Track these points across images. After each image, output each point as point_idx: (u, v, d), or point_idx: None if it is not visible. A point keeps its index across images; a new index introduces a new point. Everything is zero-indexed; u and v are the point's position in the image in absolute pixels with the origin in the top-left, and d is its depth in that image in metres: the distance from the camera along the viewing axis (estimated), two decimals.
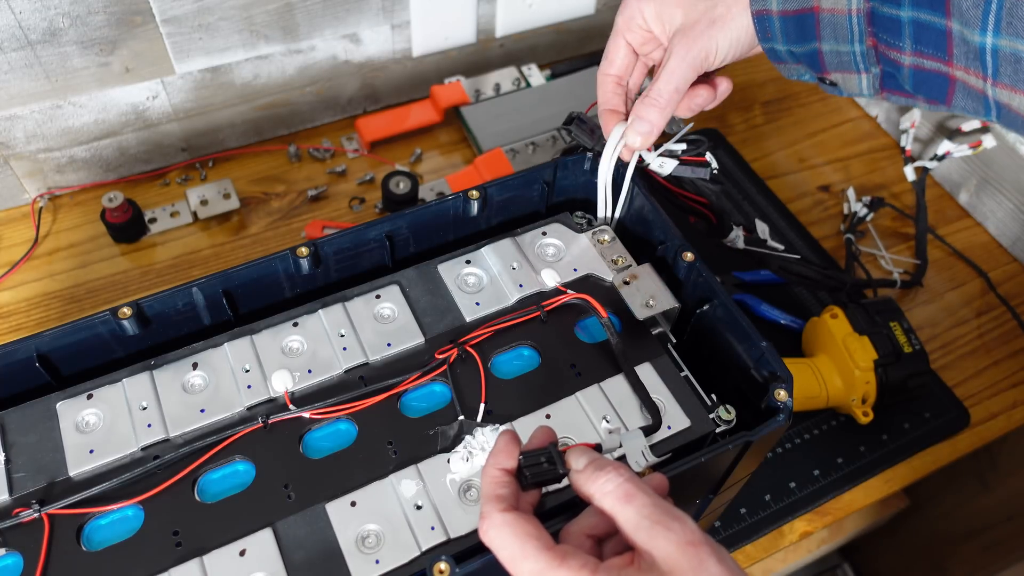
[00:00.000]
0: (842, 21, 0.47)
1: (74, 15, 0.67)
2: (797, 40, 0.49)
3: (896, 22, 0.45)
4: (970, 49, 0.42)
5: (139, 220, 0.76)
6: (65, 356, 0.49)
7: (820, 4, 0.47)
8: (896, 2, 0.45)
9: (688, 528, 0.34)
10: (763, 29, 0.50)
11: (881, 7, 0.45)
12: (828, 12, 0.47)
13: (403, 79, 0.89)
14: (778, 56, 0.51)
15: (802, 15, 0.48)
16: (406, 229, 0.56)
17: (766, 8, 0.49)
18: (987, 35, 0.41)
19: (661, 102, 0.51)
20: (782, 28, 0.49)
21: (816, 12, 0.47)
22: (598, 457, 0.38)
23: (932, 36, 0.44)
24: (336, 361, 0.50)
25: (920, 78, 0.46)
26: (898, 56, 0.46)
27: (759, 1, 0.49)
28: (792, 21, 0.48)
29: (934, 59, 0.45)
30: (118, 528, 0.44)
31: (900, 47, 0.46)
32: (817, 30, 0.48)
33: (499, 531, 0.36)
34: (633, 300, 0.52)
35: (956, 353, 0.77)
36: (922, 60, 0.45)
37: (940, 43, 0.44)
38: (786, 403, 0.46)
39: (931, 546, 1.05)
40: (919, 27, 0.44)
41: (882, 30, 0.46)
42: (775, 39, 0.50)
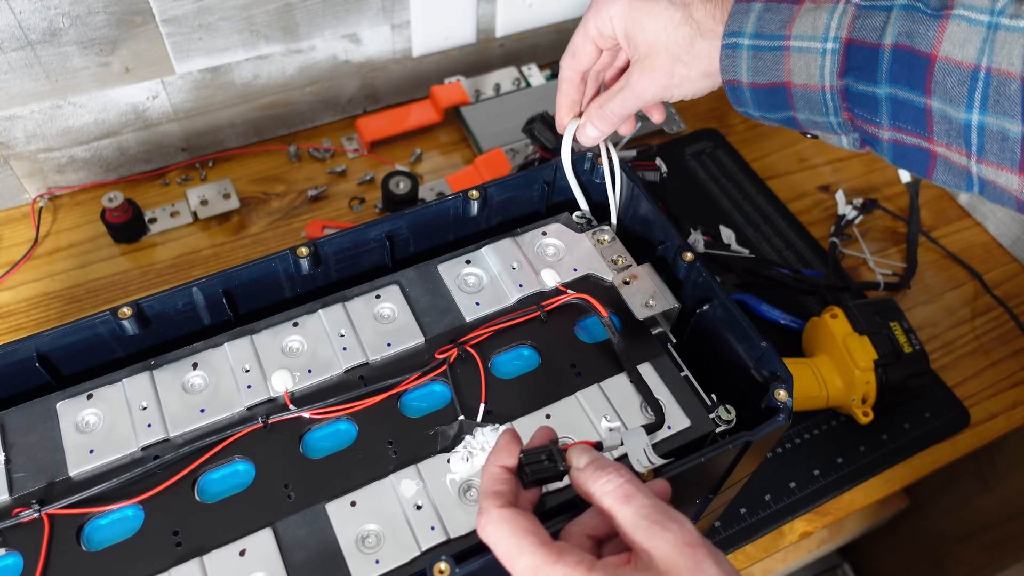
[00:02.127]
0: (815, 96, 0.45)
1: (74, 15, 0.67)
2: (770, 109, 0.47)
3: (872, 99, 0.43)
4: (952, 127, 0.41)
5: (139, 220, 0.76)
6: (65, 356, 0.49)
7: (792, 80, 0.45)
8: (872, 79, 0.43)
9: (686, 529, 0.35)
10: (735, 97, 0.48)
11: (856, 84, 0.43)
12: (800, 87, 0.45)
13: (403, 79, 0.89)
14: (753, 117, 0.49)
15: (773, 88, 0.46)
16: (406, 229, 0.56)
17: (736, 79, 0.47)
18: (973, 112, 0.40)
19: (612, 119, 0.53)
20: (753, 98, 0.47)
21: (788, 87, 0.45)
22: (600, 456, 0.38)
23: (910, 113, 0.42)
24: (336, 361, 0.50)
25: (900, 152, 0.45)
26: (876, 131, 0.44)
27: (729, 71, 0.47)
28: (763, 93, 0.47)
29: (913, 135, 0.43)
30: (118, 528, 0.44)
31: (878, 123, 0.44)
32: (790, 102, 0.46)
33: (496, 527, 0.36)
34: (633, 300, 0.52)
35: (956, 353, 0.77)
36: (901, 136, 0.44)
37: (919, 120, 0.42)
38: (786, 403, 0.46)
39: (931, 546, 1.05)
40: (896, 104, 0.42)
41: (857, 106, 0.44)
42: (747, 106, 0.48)
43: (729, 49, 0.46)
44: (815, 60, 0.44)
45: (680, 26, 0.47)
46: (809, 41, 0.44)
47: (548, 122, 0.57)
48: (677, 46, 0.48)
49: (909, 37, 0.41)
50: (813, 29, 0.44)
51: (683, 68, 0.48)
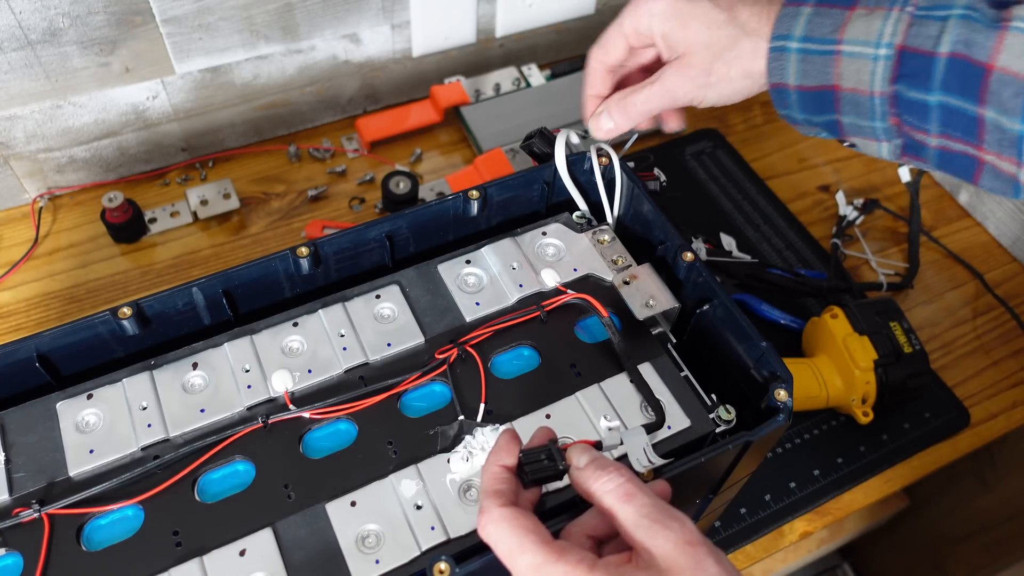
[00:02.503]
0: (864, 101, 0.44)
1: (74, 15, 0.67)
2: (815, 111, 0.47)
3: (923, 106, 0.43)
4: (1006, 137, 0.41)
5: (139, 220, 0.76)
6: (65, 356, 0.49)
7: (840, 83, 0.45)
8: (925, 87, 0.42)
9: (687, 528, 0.35)
10: (780, 100, 0.48)
11: (907, 92, 0.43)
12: (849, 91, 0.45)
13: (403, 79, 0.89)
14: (795, 121, 0.49)
15: (821, 91, 0.46)
16: (406, 229, 0.56)
17: (783, 82, 0.46)
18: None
19: (632, 113, 0.52)
20: (799, 101, 0.47)
21: (836, 90, 0.45)
22: (600, 456, 0.38)
23: (962, 122, 0.42)
24: (336, 361, 0.50)
25: (946, 158, 0.44)
26: (924, 138, 0.44)
27: (776, 74, 0.46)
28: (810, 96, 0.46)
29: (963, 143, 0.43)
30: (118, 528, 0.44)
31: (926, 130, 0.43)
32: (837, 106, 0.46)
33: (497, 526, 0.36)
34: (633, 300, 0.52)
35: (956, 353, 0.77)
36: (949, 143, 0.43)
37: (970, 128, 0.42)
38: (786, 403, 0.46)
39: (931, 546, 1.05)
40: (948, 112, 0.42)
41: (907, 112, 0.44)
42: (792, 108, 0.48)
43: (777, 52, 0.46)
44: (867, 66, 0.43)
45: (724, 25, 0.47)
46: (862, 46, 0.43)
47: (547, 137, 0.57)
48: (719, 44, 0.48)
49: (967, 46, 0.41)
50: (866, 34, 0.43)
51: (723, 66, 0.48)
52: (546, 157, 0.57)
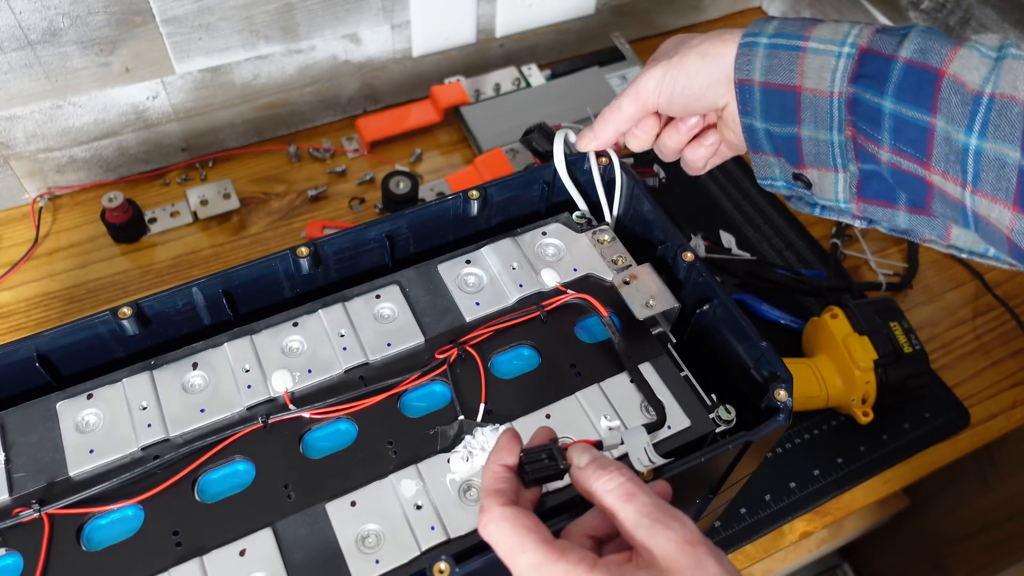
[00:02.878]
0: (823, 104, 0.45)
1: (74, 15, 0.67)
2: (777, 120, 0.47)
3: (877, 112, 0.43)
4: (952, 150, 0.41)
5: (139, 220, 0.76)
6: (65, 356, 0.49)
7: (803, 83, 0.45)
8: (879, 90, 0.43)
9: (688, 528, 0.35)
10: (744, 100, 0.48)
11: (863, 93, 0.43)
12: (811, 92, 0.45)
13: (403, 79, 0.89)
14: (756, 139, 0.49)
15: (784, 91, 0.46)
16: (406, 229, 0.56)
17: (749, 78, 0.47)
18: (972, 136, 0.40)
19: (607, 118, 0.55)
20: (763, 102, 0.47)
21: (798, 91, 0.46)
22: (601, 456, 0.38)
23: (912, 134, 0.42)
24: (336, 361, 0.50)
25: (898, 178, 0.44)
26: (876, 151, 0.44)
27: (743, 70, 0.47)
28: (774, 96, 0.47)
29: (912, 160, 0.43)
30: (118, 528, 0.44)
31: (879, 140, 0.44)
32: (798, 112, 0.46)
33: (498, 525, 0.36)
34: (633, 300, 0.52)
35: (956, 353, 0.77)
36: (900, 159, 0.43)
37: (920, 142, 0.42)
38: (786, 403, 0.46)
39: (931, 546, 1.05)
40: (900, 122, 0.42)
41: (862, 119, 0.44)
42: (754, 114, 0.48)
43: (746, 47, 0.47)
44: (829, 62, 0.44)
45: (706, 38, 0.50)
46: (827, 44, 0.45)
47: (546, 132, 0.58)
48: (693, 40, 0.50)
49: (923, 54, 0.42)
50: (833, 34, 0.45)
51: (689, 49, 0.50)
52: (545, 153, 0.57)
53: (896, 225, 0.48)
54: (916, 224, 0.47)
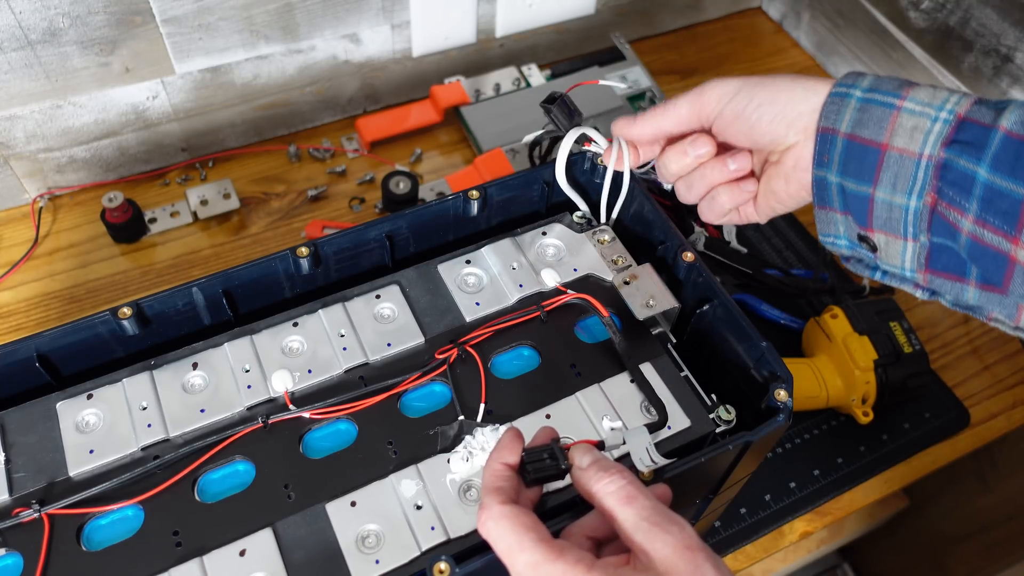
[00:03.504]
0: (908, 166, 0.43)
1: (74, 15, 0.67)
2: (854, 175, 0.45)
3: (969, 179, 0.41)
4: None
5: (139, 220, 0.76)
6: (65, 356, 0.49)
7: (891, 142, 0.43)
8: (976, 156, 0.41)
9: (686, 533, 0.35)
10: (823, 150, 0.46)
11: (957, 159, 0.41)
12: (897, 151, 0.43)
13: (403, 79, 0.89)
14: (826, 194, 0.47)
15: (868, 147, 0.44)
16: (406, 229, 0.56)
17: (833, 127, 0.45)
18: None
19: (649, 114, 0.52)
20: (843, 154, 0.45)
21: (883, 149, 0.44)
22: (602, 457, 0.39)
23: (1003, 205, 0.40)
24: (336, 361, 0.50)
25: (977, 251, 0.42)
26: (958, 219, 0.42)
27: (829, 118, 0.45)
28: (856, 150, 0.44)
29: (998, 232, 0.41)
30: (118, 528, 0.44)
31: (963, 208, 0.42)
32: (877, 172, 0.44)
33: (497, 522, 0.36)
34: (633, 300, 0.52)
35: (956, 353, 0.77)
36: (983, 230, 0.41)
37: (1011, 214, 0.40)
38: (786, 403, 0.46)
39: (931, 546, 1.05)
40: (991, 192, 0.41)
41: (949, 185, 0.42)
42: (830, 166, 0.46)
43: (837, 96, 0.45)
44: (924, 124, 0.43)
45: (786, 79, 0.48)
46: (924, 106, 0.43)
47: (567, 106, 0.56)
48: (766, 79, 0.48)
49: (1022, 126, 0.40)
50: (931, 98, 0.43)
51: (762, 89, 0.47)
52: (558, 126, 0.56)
53: (962, 300, 0.46)
54: (986, 301, 0.45)
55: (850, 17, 0.95)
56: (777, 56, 1.03)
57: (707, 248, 0.74)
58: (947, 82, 0.85)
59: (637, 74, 0.90)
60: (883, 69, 0.92)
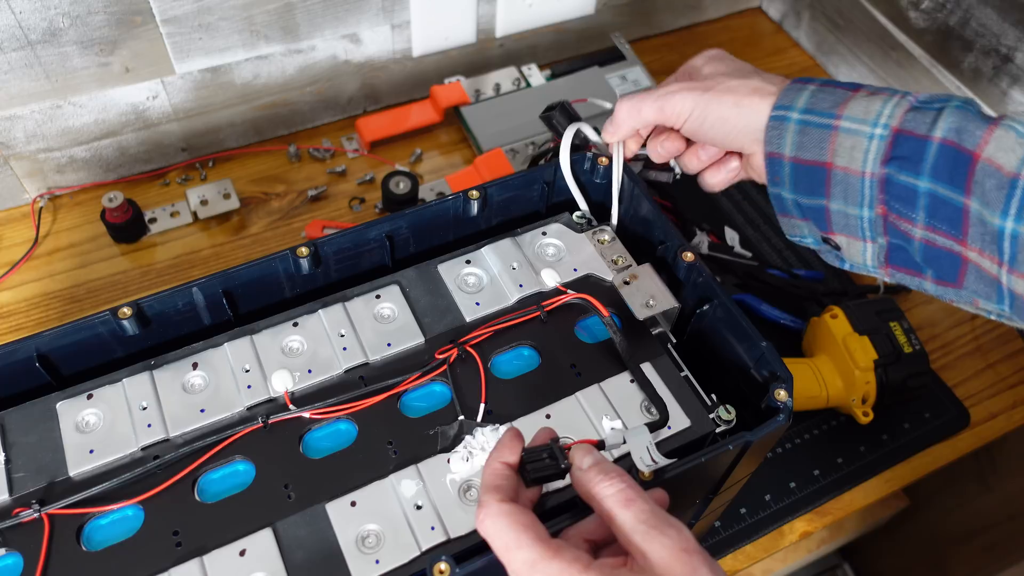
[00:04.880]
0: (854, 183, 0.44)
1: (74, 15, 0.67)
2: (806, 192, 0.47)
3: (912, 192, 0.43)
4: (987, 231, 0.40)
5: (139, 220, 0.76)
6: (65, 356, 0.49)
7: (834, 160, 0.45)
8: (915, 171, 0.42)
9: (684, 536, 0.35)
10: (773, 172, 0.48)
11: (898, 175, 0.43)
12: (841, 170, 0.45)
13: (403, 79, 0.89)
14: (784, 206, 0.49)
15: (814, 167, 0.46)
16: (406, 229, 0.56)
17: (779, 152, 0.47)
18: (1008, 220, 0.39)
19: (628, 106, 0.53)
20: (792, 175, 0.47)
21: (829, 168, 0.45)
22: (603, 459, 0.39)
23: (948, 212, 0.42)
24: (336, 361, 0.50)
25: (931, 254, 0.44)
26: (909, 228, 0.44)
27: (773, 143, 0.47)
28: (804, 171, 0.46)
29: (947, 236, 0.42)
30: (118, 528, 0.44)
31: (912, 219, 0.43)
32: (827, 187, 0.46)
33: (495, 520, 0.36)
34: (633, 300, 0.52)
35: (956, 353, 0.77)
36: (935, 236, 0.43)
37: (955, 220, 0.42)
38: (786, 403, 0.46)
39: (931, 546, 1.05)
40: (935, 201, 0.42)
41: (895, 199, 0.43)
42: (782, 185, 0.48)
43: (777, 121, 0.46)
44: (861, 143, 0.44)
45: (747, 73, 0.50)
46: (859, 124, 0.44)
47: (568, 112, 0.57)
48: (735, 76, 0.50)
49: (958, 134, 0.41)
50: (865, 113, 0.44)
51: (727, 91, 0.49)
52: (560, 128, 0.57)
53: (924, 290, 0.48)
54: (943, 293, 0.47)
55: (850, 17, 0.95)
56: (777, 56, 1.02)
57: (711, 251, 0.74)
58: (947, 82, 0.85)
59: (637, 74, 0.90)
60: (883, 69, 0.92)
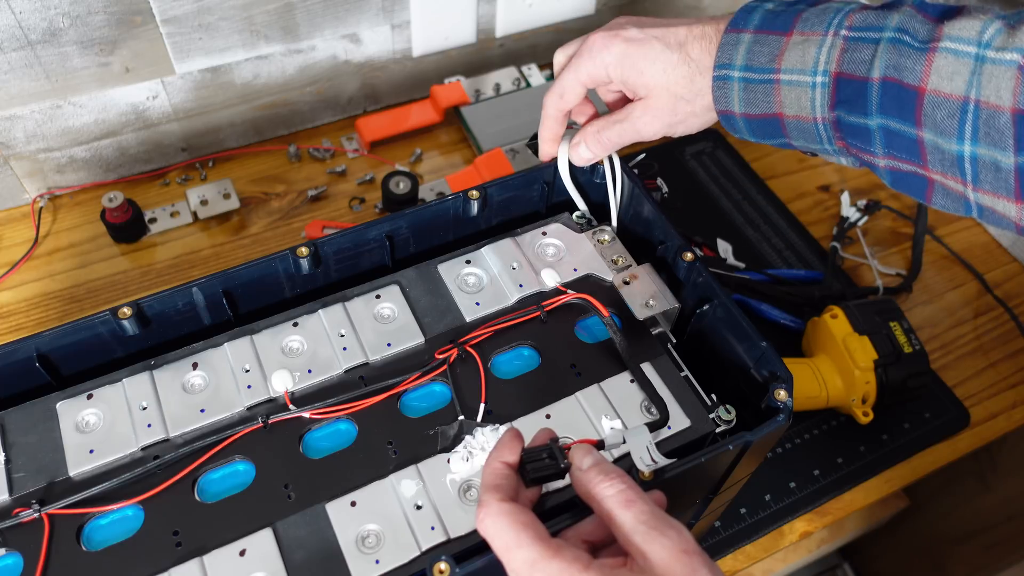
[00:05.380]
0: (808, 127, 0.45)
1: (74, 15, 0.67)
2: (766, 136, 0.48)
3: (865, 130, 0.43)
4: (946, 157, 0.41)
5: (139, 220, 0.76)
6: (65, 356, 0.49)
7: (784, 111, 0.45)
8: (863, 111, 0.43)
9: (684, 537, 0.35)
10: (730, 126, 0.48)
11: (847, 116, 0.43)
12: (793, 119, 0.45)
13: (403, 79, 0.89)
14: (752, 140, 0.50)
15: (766, 119, 0.46)
16: (406, 229, 0.56)
17: (729, 109, 0.47)
18: (964, 144, 0.40)
19: (607, 145, 0.53)
20: (747, 127, 0.48)
21: (780, 118, 0.46)
22: (603, 459, 0.39)
23: (903, 143, 0.42)
24: (336, 361, 0.50)
25: (897, 176, 0.45)
26: (871, 159, 0.44)
27: (721, 101, 0.47)
28: (757, 123, 0.47)
29: (908, 163, 0.43)
30: (118, 528, 0.44)
31: (872, 151, 0.44)
32: (784, 131, 0.46)
33: (495, 520, 0.36)
34: (633, 300, 0.52)
35: (956, 353, 0.77)
36: (897, 163, 0.44)
37: (912, 150, 0.42)
38: (786, 403, 0.46)
39: (931, 546, 1.05)
40: (889, 134, 0.42)
41: (851, 136, 0.44)
42: (742, 133, 0.49)
43: (720, 81, 0.47)
44: (805, 93, 0.44)
45: (678, 66, 0.48)
46: (798, 75, 0.44)
47: None
48: (678, 85, 0.48)
49: (897, 71, 0.41)
50: (802, 63, 0.44)
51: (686, 105, 0.49)
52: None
53: None
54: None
55: None
56: None
57: None
58: None
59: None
60: None
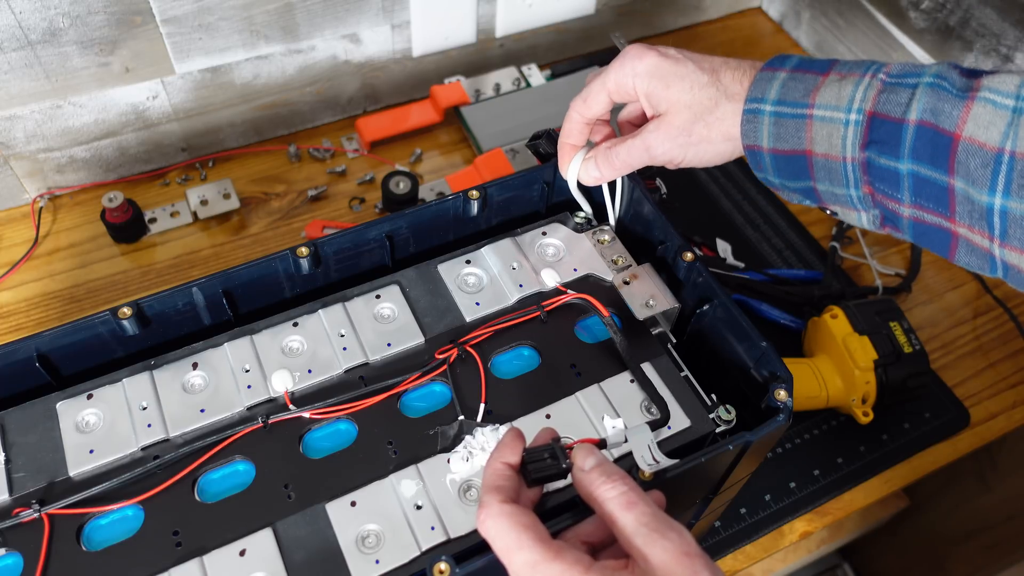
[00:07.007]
0: (836, 167, 0.44)
1: (74, 15, 0.67)
2: (790, 177, 0.47)
3: (894, 174, 0.42)
4: (975, 208, 0.40)
5: (139, 220, 0.76)
6: (65, 356, 0.49)
7: (813, 148, 0.44)
8: (894, 154, 0.42)
9: (685, 539, 0.35)
10: (755, 162, 0.47)
11: (878, 158, 0.42)
12: (821, 157, 0.44)
13: (403, 79, 0.89)
14: (772, 185, 0.49)
15: (794, 156, 0.45)
16: (406, 229, 0.56)
17: (757, 144, 0.46)
18: (996, 196, 0.39)
19: (617, 165, 0.52)
20: (773, 165, 0.47)
21: (808, 155, 0.45)
22: (605, 460, 0.39)
23: (932, 191, 0.41)
24: (336, 361, 0.50)
25: (920, 230, 0.44)
26: (896, 207, 0.44)
27: (750, 136, 0.46)
28: (784, 160, 0.46)
29: (935, 214, 0.42)
30: (118, 528, 0.44)
31: (898, 199, 0.43)
32: (811, 171, 0.45)
33: (496, 521, 0.36)
34: (633, 300, 0.52)
35: (956, 353, 0.77)
36: (922, 213, 0.43)
37: (941, 199, 0.41)
38: (786, 403, 0.46)
39: (931, 546, 1.05)
40: (918, 181, 0.42)
41: (879, 180, 0.43)
42: (767, 172, 0.48)
43: (751, 114, 0.46)
44: (838, 130, 0.43)
45: (706, 87, 0.47)
46: (832, 111, 0.43)
47: (553, 139, 0.57)
48: (700, 106, 0.48)
49: (934, 115, 0.41)
50: (837, 99, 0.43)
51: (704, 128, 0.48)
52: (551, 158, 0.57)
53: None
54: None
55: (850, 17, 0.95)
56: None
57: None
58: None
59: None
60: None
